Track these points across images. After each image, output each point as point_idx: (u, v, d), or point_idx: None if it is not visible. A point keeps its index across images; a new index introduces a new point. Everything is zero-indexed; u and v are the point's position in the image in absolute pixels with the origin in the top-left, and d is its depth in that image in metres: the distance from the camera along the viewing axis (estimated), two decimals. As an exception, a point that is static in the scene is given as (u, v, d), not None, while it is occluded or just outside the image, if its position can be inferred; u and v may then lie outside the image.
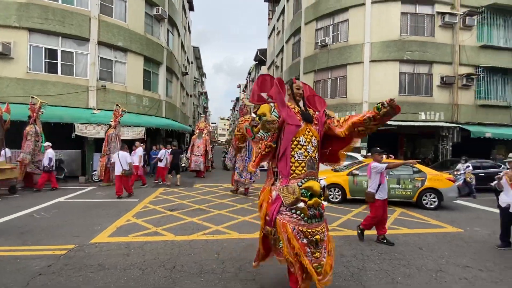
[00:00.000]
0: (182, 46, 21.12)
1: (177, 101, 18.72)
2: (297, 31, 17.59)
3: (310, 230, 2.55)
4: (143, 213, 6.40)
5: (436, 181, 7.61)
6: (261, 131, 2.63)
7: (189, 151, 13.47)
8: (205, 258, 3.95)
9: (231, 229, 5.34)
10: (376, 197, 4.84)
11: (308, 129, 2.72)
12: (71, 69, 11.61)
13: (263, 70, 29.88)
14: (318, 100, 3.16)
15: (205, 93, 47.47)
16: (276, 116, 2.65)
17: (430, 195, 7.62)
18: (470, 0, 13.84)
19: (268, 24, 27.65)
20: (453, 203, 8.30)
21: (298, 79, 2.85)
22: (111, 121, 10.16)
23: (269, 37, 27.66)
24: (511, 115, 14.46)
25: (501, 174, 4.97)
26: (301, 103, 2.94)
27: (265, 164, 3.06)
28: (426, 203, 7.58)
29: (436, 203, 7.56)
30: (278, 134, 2.71)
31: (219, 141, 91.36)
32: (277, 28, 23.35)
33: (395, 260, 4.11)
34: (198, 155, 12.81)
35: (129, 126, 11.66)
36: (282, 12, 21.48)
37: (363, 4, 13.89)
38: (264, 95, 2.94)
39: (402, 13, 13.65)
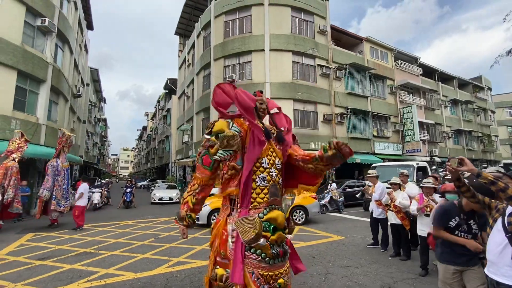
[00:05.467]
0: (76, 66, 18.48)
1: (63, 126, 15.69)
2: (207, 66, 18.47)
3: (272, 274, 2.05)
4: (-5, 268, 4.77)
5: (303, 199, 8.49)
6: (220, 151, 2.19)
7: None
8: (86, 309, 3.24)
9: (125, 269, 4.61)
10: None
11: (271, 149, 2.33)
12: None
13: (174, 99, 29.31)
14: (281, 117, 2.82)
15: (104, 119, 41.89)
16: (237, 131, 2.26)
17: (299, 212, 8.48)
18: (338, 58, 18.29)
19: (179, 56, 27.95)
20: (336, 216, 9.89)
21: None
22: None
23: (179, 68, 27.79)
24: (371, 145, 19.10)
25: (365, 187, 6.42)
26: (265, 120, 2.58)
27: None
28: (296, 219, 8.30)
29: (303, 219, 8.46)
30: (242, 153, 2.28)
31: (120, 175, 79.86)
32: (188, 61, 23.86)
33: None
34: None
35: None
36: (193, 46, 22.29)
37: (263, 50, 16.14)
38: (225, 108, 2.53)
39: (293, 62, 16.54)
